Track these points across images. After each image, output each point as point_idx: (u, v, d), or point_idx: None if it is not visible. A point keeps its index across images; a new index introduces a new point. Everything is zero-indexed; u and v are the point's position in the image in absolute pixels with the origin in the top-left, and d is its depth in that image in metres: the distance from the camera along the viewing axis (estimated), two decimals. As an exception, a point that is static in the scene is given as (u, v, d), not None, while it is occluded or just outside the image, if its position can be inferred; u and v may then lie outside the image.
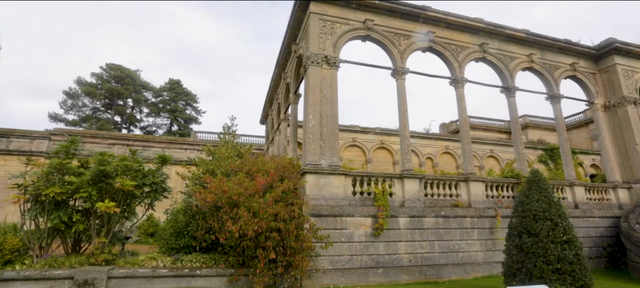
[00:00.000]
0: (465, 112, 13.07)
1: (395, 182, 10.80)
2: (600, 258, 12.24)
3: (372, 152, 25.62)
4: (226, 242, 8.48)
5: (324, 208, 9.47)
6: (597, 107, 15.65)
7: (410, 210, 10.38)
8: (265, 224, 7.86)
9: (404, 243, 10.03)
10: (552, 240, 7.23)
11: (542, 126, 33.65)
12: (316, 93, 10.96)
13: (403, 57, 12.48)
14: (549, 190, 7.93)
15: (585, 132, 32.54)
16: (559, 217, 7.54)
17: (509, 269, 7.72)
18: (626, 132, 14.97)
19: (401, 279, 9.62)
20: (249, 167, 10.12)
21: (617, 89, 15.38)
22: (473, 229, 10.96)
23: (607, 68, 15.86)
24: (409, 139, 11.83)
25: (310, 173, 9.88)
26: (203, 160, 13.47)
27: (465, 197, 11.56)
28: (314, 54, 11.27)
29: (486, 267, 10.65)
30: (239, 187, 8.58)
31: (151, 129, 50.75)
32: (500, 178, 13.16)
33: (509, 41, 14.56)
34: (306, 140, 10.50)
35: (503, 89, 14.36)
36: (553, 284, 6.78)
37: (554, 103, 15.08)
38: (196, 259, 8.70)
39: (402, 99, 12.06)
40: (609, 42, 15.58)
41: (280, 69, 17.12)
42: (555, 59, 15.37)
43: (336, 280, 9.05)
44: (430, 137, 28.04)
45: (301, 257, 8.09)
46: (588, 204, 13.44)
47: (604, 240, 12.66)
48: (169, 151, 25.28)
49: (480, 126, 32.24)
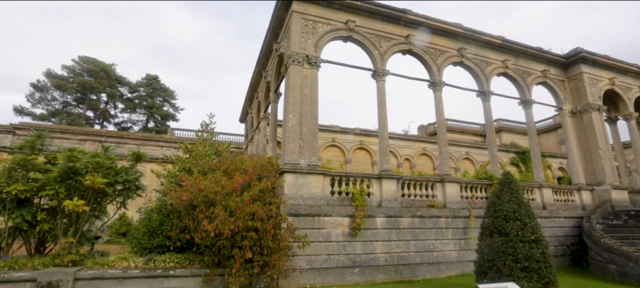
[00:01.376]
0: (442, 115, 13.38)
1: (374, 182, 10.93)
2: (564, 257, 12.84)
3: (352, 153, 25.81)
4: (201, 241, 8.32)
5: (302, 207, 9.46)
6: (565, 113, 16.40)
7: (387, 210, 10.52)
8: (242, 223, 7.77)
9: (381, 243, 10.16)
10: (521, 239, 7.51)
11: (515, 130, 34.93)
12: (296, 92, 10.92)
13: (383, 58, 12.64)
14: (519, 192, 8.22)
15: (554, 136, 34.05)
16: (528, 217, 7.83)
17: (480, 268, 7.96)
18: (590, 137, 15.76)
19: (377, 278, 9.74)
20: (227, 166, 9.98)
21: (583, 96, 16.17)
22: (447, 229, 11.24)
23: (575, 76, 16.65)
24: (387, 140, 11.99)
25: (288, 172, 9.84)
26: (179, 158, 13.16)
27: (441, 198, 11.84)
28: (295, 53, 11.24)
29: (459, 265, 10.95)
30: (216, 185, 8.45)
31: (126, 125, 49.11)
32: (475, 179, 13.55)
33: (485, 47, 15.02)
34: (285, 139, 10.45)
35: (479, 93, 14.80)
36: (521, 281, 7.04)
37: (526, 108, 15.68)
38: (170, 259, 8.48)
39: (382, 100, 12.21)
40: (576, 52, 16.36)
41: (261, 67, 16.97)
42: (528, 66, 15.99)
43: (313, 280, 9.05)
44: (409, 139, 28.54)
45: (278, 257, 8.04)
46: (555, 205, 14.06)
47: (568, 239, 13.28)
48: (145, 148, 24.55)
49: (456, 129, 33.10)
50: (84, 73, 44.34)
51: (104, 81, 44.58)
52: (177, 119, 51.33)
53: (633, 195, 15.78)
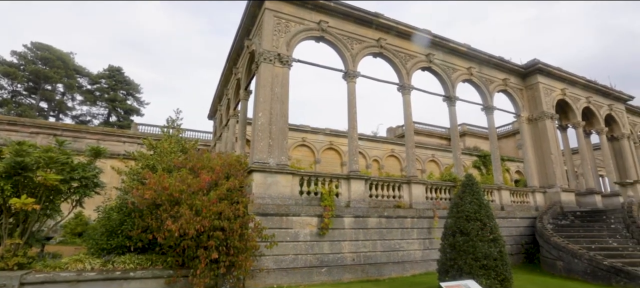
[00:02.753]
0: (410, 118, 13.76)
1: (342, 182, 11.04)
2: (519, 255, 13.64)
3: (321, 153, 25.92)
4: (165, 241, 8.01)
5: (270, 207, 9.37)
6: (523, 120, 17.43)
7: (355, 210, 10.66)
8: (208, 223, 7.57)
9: (348, 243, 10.28)
10: (481, 238, 7.89)
11: (477, 134, 36.64)
12: (267, 90, 10.81)
13: (355, 60, 12.80)
14: (480, 193, 8.63)
15: (512, 141, 36.07)
16: (488, 217, 8.24)
17: (442, 266, 8.27)
18: (544, 143, 16.86)
19: (344, 278, 9.85)
20: (194, 163, 9.69)
21: (538, 104, 17.27)
22: (413, 229, 11.58)
23: (532, 85, 17.74)
24: (357, 141, 12.16)
25: (257, 171, 9.71)
26: (143, 155, 12.59)
27: (407, 199, 12.17)
28: (267, 50, 11.11)
29: (423, 264, 11.31)
30: (181, 183, 8.18)
31: (85, 118, 46.31)
32: (439, 181, 14.06)
33: (452, 54, 15.63)
34: (255, 138, 10.30)
35: (445, 97, 15.37)
36: (480, 279, 7.40)
37: (488, 113, 16.50)
38: (130, 260, 8.09)
39: (352, 102, 12.35)
40: (533, 63, 17.44)
41: (231, 63, 16.61)
42: (491, 74, 16.83)
43: (280, 280, 8.99)
44: (378, 140, 29.09)
45: (245, 257, 7.92)
46: (512, 206, 14.90)
47: (523, 238, 14.13)
48: (105, 143, 23.24)
49: (423, 132, 34.19)
50: (37, 61, 41.25)
51: (60, 71, 41.70)
52: (141, 113, 49.09)
53: (579, 197, 17.06)
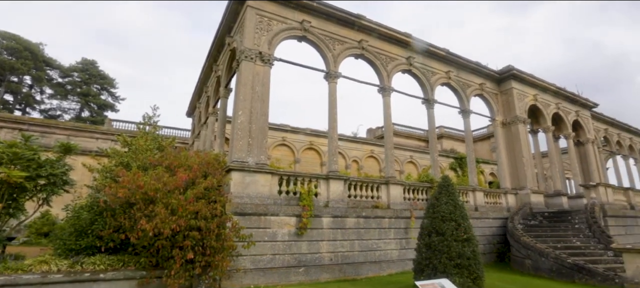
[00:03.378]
0: (390, 119, 13.96)
1: (321, 182, 11.07)
2: (491, 254, 14.12)
3: (301, 152, 25.88)
4: (138, 241, 7.79)
5: (248, 206, 9.27)
6: (497, 123, 18.04)
7: (334, 210, 10.72)
8: (184, 222, 7.42)
9: (326, 243, 10.32)
10: (455, 238, 8.12)
11: (454, 137, 37.62)
12: (248, 89, 10.69)
13: (336, 61, 12.86)
14: (455, 195, 8.87)
15: (487, 144, 37.27)
16: (462, 218, 8.49)
17: (418, 265, 8.46)
18: (516, 146, 17.53)
19: (321, 277, 9.88)
20: (170, 161, 9.48)
21: (512, 109, 17.93)
22: (390, 229, 11.76)
23: (506, 90, 18.39)
24: (337, 141, 12.22)
25: (236, 170, 9.59)
26: (117, 152, 12.17)
27: (385, 199, 12.35)
28: (248, 48, 10.99)
29: (400, 264, 11.51)
30: (157, 182, 7.97)
31: (55, 113, 44.23)
32: (417, 182, 14.35)
33: (432, 58, 15.98)
34: (234, 137, 10.17)
35: (424, 100, 15.69)
36: (453, 277, 7.61)
37: (465, 117, 16.97)
38: (100, 261, 7.81)
39: (333, 102, 12.41)
40: (508, 69, 18.09)
41: (211, 60, 16.33)
42: (468, 78, 17.32)
43: (257, 280, 8.92)
44: (357, 141, 29.34)
45: (222, 257, 7.80)
46: (485, 207, 15.40)
47: (495, 238, 14.64)
48: (76, 139, 22.30)
49: (402, 133, 34.77)
50: (2, 50, 39.07)
51: (28, 62, 39.62)
52: (116, 109, 47.43)
53: (548, 198, 17.83)
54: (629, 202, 18.79)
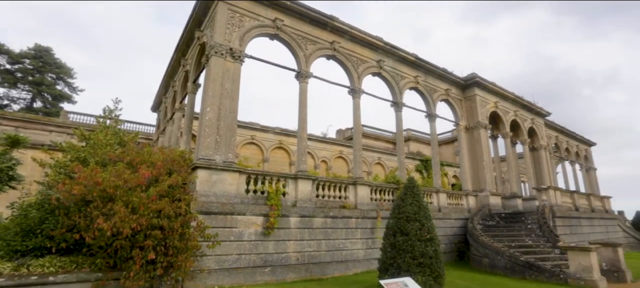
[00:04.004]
0: (359, 121, 14.18)
1: (290, 182, 11.04)
2: (451, 253, 14.75)
3: (270, 151, 25.65)
4: (94, 242, 7.37)
5: (214, 205, 9.07)
6: (461, 128, 18.86)
7: (301, 210, 10.72)
8: (146, 221, 7.12)
9: (293, 242, 10.31)
10: (419, 238, 8.41)
11: (421, 140, 38.86)
12: (217, 85, 10.45)
13: (308, 61, 12.87)
14: (420, 196, 9.18)
15: (451, 147, 38.85)
16: (426, 218, 8.80)
17: (383, 264, 8.67)
18: (478, 150, 18.43)
19: (288, 277, 9.85)
20: (132, 157, 9.08)
21: (475, 115, 18.82)
22: (357, 229, 11.95)
23: (470, 97, 19.28)
24: (306, 141, 12.24)
25: (202, 168, 9.34)
26: (73, 146, 11.43)
27: (353, 199, 12.53)
28: (218, 44, 10.74)
29: (366, 263, 11.73)
30: (117, 178, 7.59)
31: (1, 102, 40.78)
32: (384, 183, 14.68)
33: (401, 62, 16.41)
34: (201, 133, 9.90)
35: (393, 103, 16.08)
36: (416, 276, 7.88)
37: (431, 121, 17.59)
38: (51, 263, 7.30)
39: (303, 102, 12.41)
40: (472, 76, 18.97)
41: (180, 54, 15.77)
42: (435, 84, 17.97)
43: (222, 281, 8.74)
44: (327, 141, 29.52)
45: (185, 257, 7.56)
46: (448, 208, 16.05)
47: (456, 238, 15.30)
48: (27, 132, 20.70)
49: (371, 135, 35.41)
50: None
51: (-30, 45, 36.26)
52: (74, 101, 44.44)
53: (505, 200, 18.90)
54: (574, 204, 20.35)
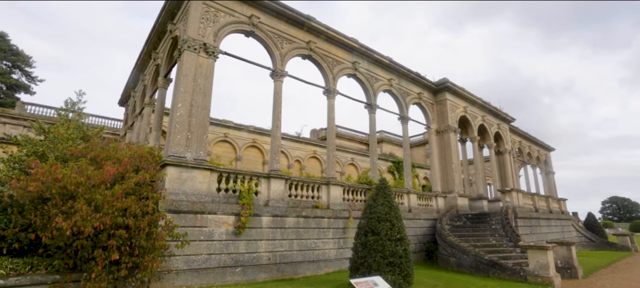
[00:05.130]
0: (333, 122, 14.27)
1: (262, 181, 10.93)
2: (421, 252, 15.18)
3: (243, 150, 25.30)
4: (52, 242, 6.96)
5: (184, 204, 8.82)
6: (432, 131, 19.45)
7: (274, 209, 10.65)
8: (110, 220, 6.80)
9: (265, 242, 10.22)
10: (389, 238, 8.59)
11: (394, 142, 39.70)
12: (189, 81, 10.17)
13: (284, 60, 12.80)
14: (391, 196, 9.38)
15: (423, 150, 39.97)
16: (396, 218, 9.00)
17: (354, 264, 8.78)
18: (447, 153, 19.08)
19: (259, 277, 9.76)
20: (96, 153, 8.63)
21: (445, 119, 19.47)
22: (329, 229, 12.02)
23: (441, 101, 19.92)
24: (280, 140, 12.18)
25: (172, 165, 9.06)
26: (29, 140, 10.74)
27: (325, 199, 12.59)
28: (192, 38, 10.46)
29: (337, 263, 11.82)
30: (79, 175, 7.18)
31: (-51, 90, 37.57)
32: (356, 184, 14.85)
33: (376, 64, 16.68)
34: (172, 130, 9.60)
35: (367, 105, 16.32)
36: (386, 275, 8.04)
37: (403, 123, 18.00)
38: (1, 265, 6.81)
39: (278, 101, 12.34)
40: (443, 81, 19.61)
41: (151, 47, 15.20)
42: (408, 87, 18.41)
43: (190, 281, 8.52)
44: (301, 141, 29.49)
45: (152, 257, 7.30)
46: (418, 209, 16.50)
47: (426, 238, 15.76)
48: (-23, 123, 19.19)
49: (345, 136, 35.76)
50: None
51: None
52: (32, 91, 41.69)
53: (472, 201, 19.68)
54: (534, 206, 21.53)
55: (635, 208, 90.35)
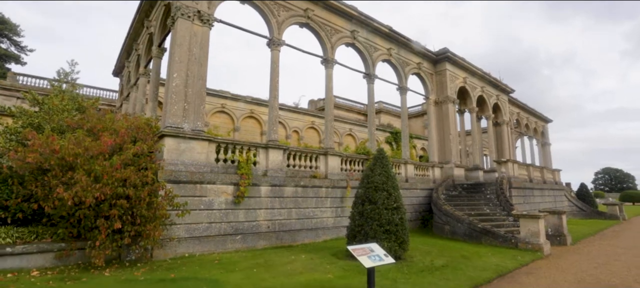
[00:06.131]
0: (331, 92, 14.16)
1: (261, 151, 10.99)
2: (416, 221, 15.56)
3: (241, 121, 25.21)
4: (55, 212, 7.09)
5: (183, 174, 8.90)
6: (431, 102, 19.37)
7: (272, 179, 10.78)
8: (110, 190, 6.89)
9: (264, 211, 10.43)
10: (386, 207, 8.78)
11: (392, 112, 39.59)
12: (184, 50, 9.96)
13: (281, 28, 12.50)
14: (389, 167, 9.49)
15: (421, 121, 39.96)
16: (393, 188, 9.16)
17: (351, 232, 9.02)
18: (445, 124, 19.11)
19: (258, 244, 10.04)
20: (93, 124, 8.62)
21: (444, 89, 19.34)
22: (327, 198, 12.24)
23: (441, 71, 19.70)
24: (277, 110, 12.12)
25: (170, 136, 9.06)
26: (24, 111, 10.65)
27: (323, 169, 12.73)
28: (185, 5, 10.14)
29: (335, 231, 12.13)
30: (76, 146, 7.21)
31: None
32: (354, 154, 14.97)
33: (375, 33, 16.34)
34: (168, 101, 9.52)
35: (366, 75, 16.13)
36: (382, 242, 8.27)
37: (402, 94, 17.88)
38: (7, 234, 6.97)
39: (275, 70, 12.17)
40: (443, 51, 19.30)
41: (143, 15, 14.73)
42: (407, 57, 18.13)
43: (192, 249, 8.76)
44: (299, 112, 29.37)
45: (153, 226, 7.45)
46: (415, 179, 16.73)
47: (422, 207, 16.11)
48: (-30, 93, 18.91)
49: (343, 106, 35.59)
50: None
51: None
52: (22, 61, 40.72)
53: (467, 172, 19.95)
54: (529, 176, 21.86)
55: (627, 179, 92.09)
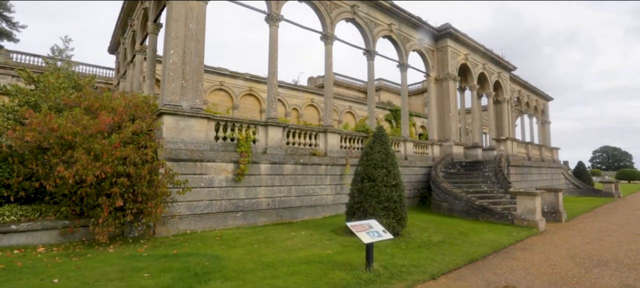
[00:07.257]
0: (331, 69, 13.98)
1: (260, 129, 10.97)
2: (415, 198, 15.74)
3: (240, 98, 25.04)
4: (56, 190, 7.16)
5: (182, 152, 8.92)
6: (431, 79, 19.18)
7: (272, 157, 10.82)
8: (110, 169, 6.92)
9: (264, 188, 10.52)
10: (385, 184, 8.85)
11: (392, 90, 39.29)
12: (180, 25, 9.75)
13: (279, 3, 12.20)
14: (388, 144, 9.51)
15: (421, 98, 39.72)
16: (392, 166, 9.20)
17: (350, 208, 9.14)
18: (446, 102, 19.01)
19: (259, 221, 10.20)
20: (90, 103, 8.56)
21: (445, 66, 19.10)
22: (326, 175, 12.32)
23: (442, 48, 19.39)
24: (276, 87, 12.01)
25: (168, 114, 9.01)
26: (20, 90, 10.56)
27: (323, 147, 12.75)
28: (179, -22, 9.83)
29: (334, 207, 12.29)
30: (75, 125, 7.19)
31: None
32: (354, 132, 14.95)
33: (376, 8, 15.96)
34: (165, 78, 9.40)
35: (365, 51, 15.88)
36: (381, 218, 8.38)
37: (402, 71, 17.67)
38: (11, 212, 7.05)
39: (274, 47, 11.97)
40: (445, 27, 18.93)
41: (136, -12, 14.36)
42: (409, 33, 17.79)
43: (194, 226, 8.90)
44: (298, 89, 29.13)
45: (155, 204, 7.54)
46: (414, 157, 16.80)
47: (420, 184, 16.25)
48: (-35, 71, 18.65)
49: (343, 83, 35.28)
50: None
51: None
52: (15, 38, 39.87)
53: (466, 150, 20.02)
54: (527, 154, 21.98)
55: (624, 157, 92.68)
